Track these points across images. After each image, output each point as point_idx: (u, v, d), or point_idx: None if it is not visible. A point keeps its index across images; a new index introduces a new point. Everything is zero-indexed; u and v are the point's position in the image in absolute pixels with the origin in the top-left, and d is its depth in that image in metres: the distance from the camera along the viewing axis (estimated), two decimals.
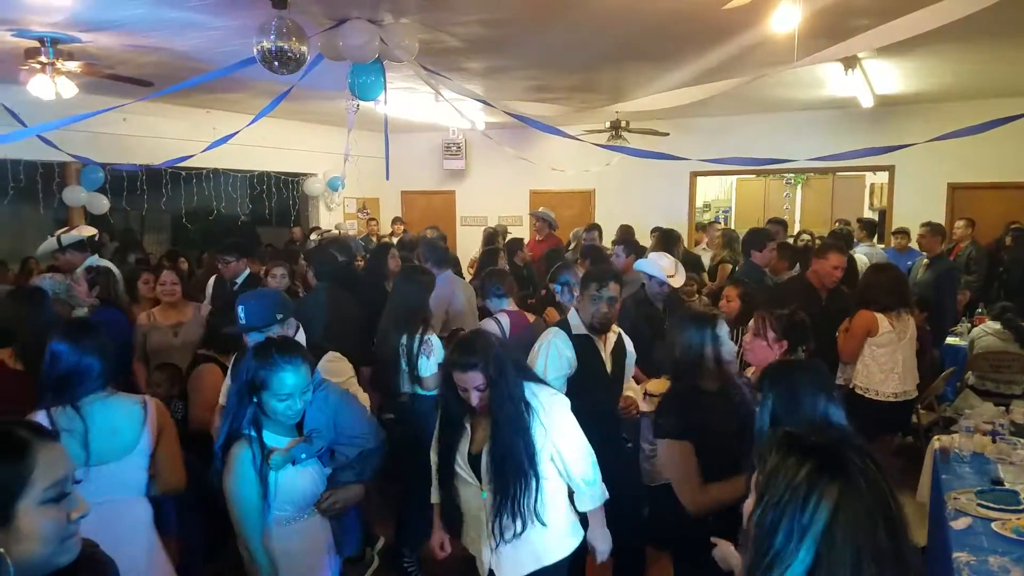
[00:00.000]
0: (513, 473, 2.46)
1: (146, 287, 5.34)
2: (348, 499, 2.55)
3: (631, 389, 3.69)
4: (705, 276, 7.40)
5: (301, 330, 3.18)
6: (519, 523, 2.48)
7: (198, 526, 3.11)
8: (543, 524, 2.53)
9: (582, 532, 2.71)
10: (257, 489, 2.28)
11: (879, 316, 4.20)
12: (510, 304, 4.29)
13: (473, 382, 2.45)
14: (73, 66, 5.40)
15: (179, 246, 11.91)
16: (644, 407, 3.60)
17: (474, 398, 2.47)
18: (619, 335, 3.57)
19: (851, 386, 4.28)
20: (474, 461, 2.55)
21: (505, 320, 4.14)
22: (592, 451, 2.68)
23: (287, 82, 5.16)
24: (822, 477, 1.19)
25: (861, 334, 4.22)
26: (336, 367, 3.23)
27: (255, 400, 2.30)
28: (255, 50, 4.35)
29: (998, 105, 5.84)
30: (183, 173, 9.11)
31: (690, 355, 2.69)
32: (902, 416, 4.41)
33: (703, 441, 2.54)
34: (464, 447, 2.58)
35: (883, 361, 4.20)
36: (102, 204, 8.31)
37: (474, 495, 2.57)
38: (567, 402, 2.67)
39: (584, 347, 3.32)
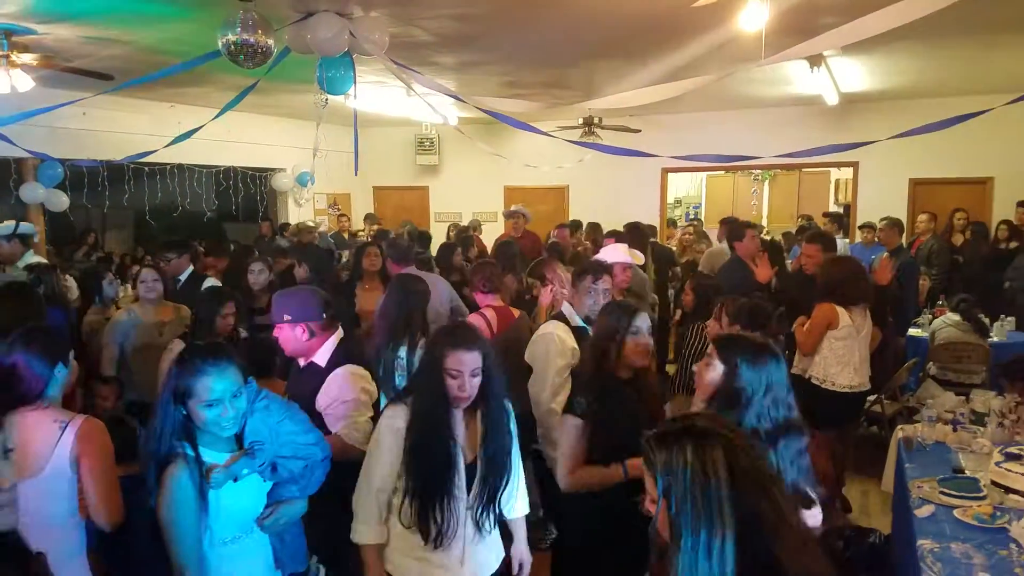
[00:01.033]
0: (506, 469, 2.44)
1: (111, 288, 5.25)
2: (292, 514, 2.40)
3: None
4: (678, 270, 7.49)
5: (340, 331, 3.01)
6: (492, 519, 2.45)
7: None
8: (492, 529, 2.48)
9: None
10: (196, 512, 2.10)
11: (840, 310, 4.27)
12: (497, 299, 4.23)
13: (473, 364, 2.31)
14: (29, 59, 5.25)
15: (143, 244, 11.72)
16: None
17: (468, 385, 2.31)
18: None
19: (807, 376, 4.37)
20: (470, 471, 2.40)
21: (492, 315, 4.08)
22: None
23: (254, 75, 5.08)
24: (704, 447, 1.36)
25: (822, 326, 4.30)
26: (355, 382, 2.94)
27: (182, 413, 2.12)
28: (220, 43, 4.28)
29: (959, 102, 5.98)
30: (146, 169, 8.91)
31: (602, 340, 2.76)
32: (855, 407, 4.49)
33: (604, 427, 2.62)
34: (460, 461, 2.38)
35: (841, 354, 4.28)
36: (61, 201, 8.10)
37: (461, 510, 2.38)
38: None
39: (582, 339, 3.33)
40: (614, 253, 4.59)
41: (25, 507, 2.31)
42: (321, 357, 2.92)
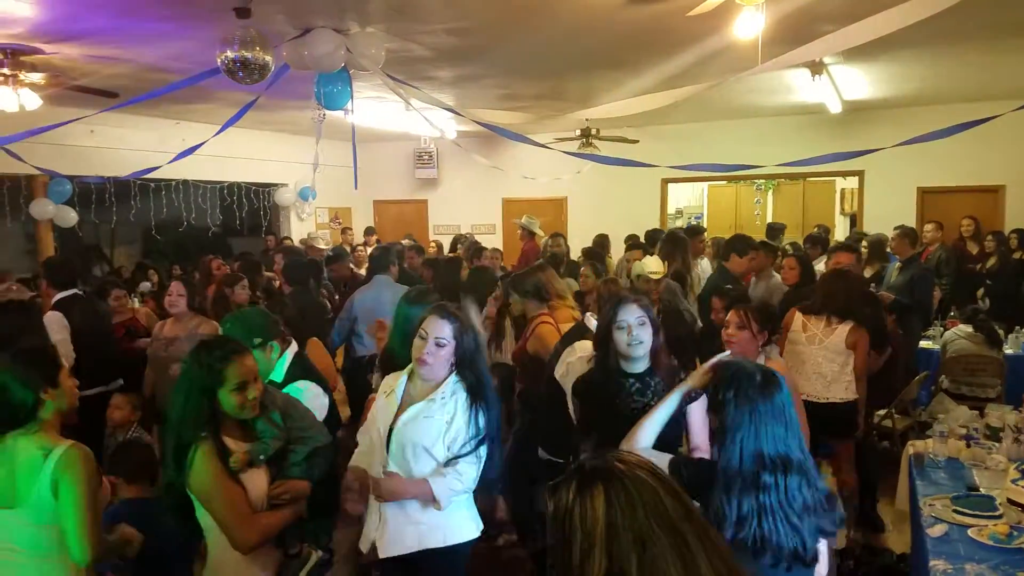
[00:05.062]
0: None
1: (116, 303, 5.22)
2: (297, 492, 2.48)
3: None
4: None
5: (293, 344, 3.20)
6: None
7: None
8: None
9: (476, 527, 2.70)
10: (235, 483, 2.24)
11: (797, 315, 4.29)
12: (545, 307, 4.10)
13: (440, 331, 2.51)
14: (36, 78, 5.30)
15: (150, 258, 11.80)
16: None
17: (430, 349, 2.50)
18: None
19: None
20: (390, 433, 2.57)
21: (554, 320, 4.02)
22: None
23: (254, 92, 5.09)
24: (585, 486, 1.27)
25: (785, 329, 4.34)
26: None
27: (210, 402, 2.25)
28: (219, 60, 4.28)
29: (965, 109, 5.93)
30: (152, 185, 8.98)
31: (598, 333, 2.90)
32: (813, 417, 4.32)
33: (589, 410, 2.83)
34: (387, 418, 2.58)
35: (791, 358, 4.24)
36: (70, 217, 8.19)
37: (379, 465, 2.57)
38: None
39: None
40: (650, 264, 4.81)
41: (15, 536, 2.24)
42: (277, 373, 3.09)
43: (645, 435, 2.27)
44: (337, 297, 6.54)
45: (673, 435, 2.46)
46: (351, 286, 6.51)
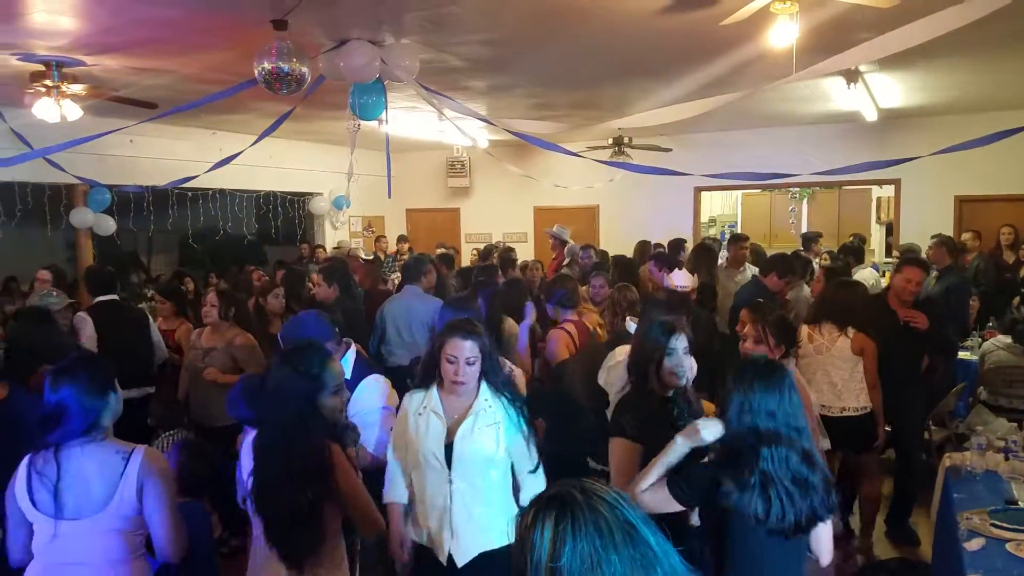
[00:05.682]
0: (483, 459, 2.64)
1: (160, 306, 5.39)
2: None
3: None
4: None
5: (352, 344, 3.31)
6: (477, 497, 2.63)
7: None
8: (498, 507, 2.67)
9: None
10: None
11: (804, 327, 4.28)
12: (574, 314, 4.31)
13: (468, 352, 2.57)
14: (78, 89, 5.45)
15: (186, 266, 12.04)
16: None
17: (463, 371, 2.56)
18: None
19: None
20: (448, 451, 2.61)
21: (572, 329, 4.19)
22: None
23: (290, 102, 5.19)
24: (541, 512, 1.32)
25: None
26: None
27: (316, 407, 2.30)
28: (256, 71, 4.37)
29: (1004, 117, 5.81)
30: (189, 194, 9.14)
31: (642, 361, 2.76)
32: (831, 430, 4.08)
33: (651, 445, 2.60)
34: (440, 437, 2.62)
35: (803, 370, 4.17)
36: (109, 225, 8.36)
37: (441, 483, 2.62)
38: None
39: None
40: (681, 278, 4.92)
41: (81, 547, 2.22)
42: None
43: (651, 479, 2.33)
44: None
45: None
46: (366, 293, 6.59)
